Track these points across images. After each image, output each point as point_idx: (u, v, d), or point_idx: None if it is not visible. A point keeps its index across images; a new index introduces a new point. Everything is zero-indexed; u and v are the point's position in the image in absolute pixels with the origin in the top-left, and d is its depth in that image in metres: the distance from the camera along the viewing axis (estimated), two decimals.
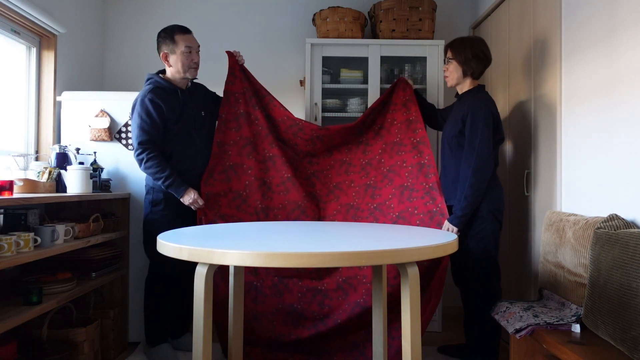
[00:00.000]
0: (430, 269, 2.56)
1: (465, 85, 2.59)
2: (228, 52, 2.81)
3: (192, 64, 2.64)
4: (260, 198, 2.72)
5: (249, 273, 2.60)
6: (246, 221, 2.67)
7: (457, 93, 2.66)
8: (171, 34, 2.61)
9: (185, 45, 2.60)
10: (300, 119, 2.82)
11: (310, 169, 2.86)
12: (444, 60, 2.65)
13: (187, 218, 2.68)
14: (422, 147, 2.73)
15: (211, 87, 2.96)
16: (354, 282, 2.59)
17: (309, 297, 2.58)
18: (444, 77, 2.66)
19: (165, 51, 2.61)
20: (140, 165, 2.55)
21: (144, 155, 2.51)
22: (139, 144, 2.53)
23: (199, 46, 2.70)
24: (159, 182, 2.54)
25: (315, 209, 2.78)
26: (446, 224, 2.48)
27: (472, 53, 2.52)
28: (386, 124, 2.85)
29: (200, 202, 2.59)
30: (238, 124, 2.77)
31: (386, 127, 2.85)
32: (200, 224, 2.62)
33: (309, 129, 2.81)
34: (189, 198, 2.57)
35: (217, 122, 2.78)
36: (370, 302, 2.54)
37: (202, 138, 2.73)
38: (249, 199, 2.72)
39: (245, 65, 2.87)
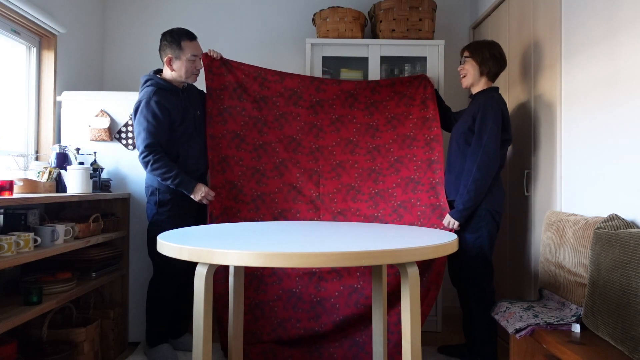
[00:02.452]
0: (428, 263, 2.59)
1: (480, 86, 2.60)
2: (202, 55, 2.77)
3: (195, 70, 2.65)
4: (255, 186, 2.75)
5: None
6: (244, 211, 2.71)
7: (471, 94, 2.67)
8: (178, 39, 2.59)
9: (192, 53, 2.60)
10: (298, 83, 2.85)
11: (315, 143, 2.85)
12: (460, 60, 2.66)
13: (194, 217, 2.69)
14: (434, 144, 2.78)
15: None
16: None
17: (305, 280, 2.63)
18: (460, 79, 2.66)
19: (170, 55, 2.60)
20: (146, 167, 2.52)
21: (150, 157, 2.49)
22: (146, 146, 2.50)
23: (202, 53, 2.70)
24: (168, 182, 2.52)
25: (312, 188, 2.78)
26: (447, 217, 2.50)
27: (489, 53, 2.54)
28: (400, 115, 2.87)
29: (212, 193, 2.60)
30: (223, 118, 2.78)
31: (400, 119, 2.87)
32: (211, 217, 2.64)
33: (307, 94, 2.85)
34: (200, 192, 2.56)
35: (205, 117, 2.77)
36: (368, 290, 2.57)
37: (202, 138, 2.74)
38: (244, 188, 2.74)
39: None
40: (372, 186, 2.80)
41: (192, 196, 2.57)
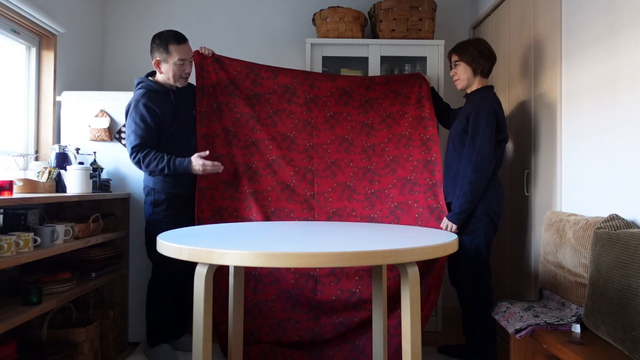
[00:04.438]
0: (428, 266, 2.58)
1: (475, 85, 2.59)
2: (194, 52, 2.76)
3: (183, 74, 2.63)
4: (247, 183, 2.72)
5: None
6: (241, 209, 2.69)
7: (466, 93, 2.66)
8: (166, 43, 2.57)
9: (179, 57, 2.58)
10: (292, 79, 2.83)
11: (309, 141, 2.82)
12: (450, 65, 2.65)
13: (190, 217, 2.69)
14: (430, 144, 2.76)
15: None
16: (346, 268, 2.59)
17: (301, 283, 2.59)
18: (454, 82, 2.65)
19: (158, 58, 2.60)
20: (140, 167, 2.53)
21: (139, 155, 2.51)
22: (132, 148, 2.52)
23: (192, 56, 2.68)
24: (166, 171, 2.50)
25: (307, 187, 2.75)
26: (445, 220, 2.49)
27: (477, 51, 2.53)
28: (395, 114, 2.85)
29: (208, 162, 2.49)
30: (217, 116, 2.77)
31: (395, 118, 2.85)
32: (199, 220, 2.62)
33: (301, 91, 2.84)
34: (197, 165, 2.49)
35: (197, 116, 2.74)
36: (366, 294, 2.55)
37: (196, 137, 2.73)
38: (239, 186, 2.72)
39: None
40: (367, 186, 2.78)
41: (193, 171, 2.50)
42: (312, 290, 2.58)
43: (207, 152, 2.52)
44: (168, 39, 2.58)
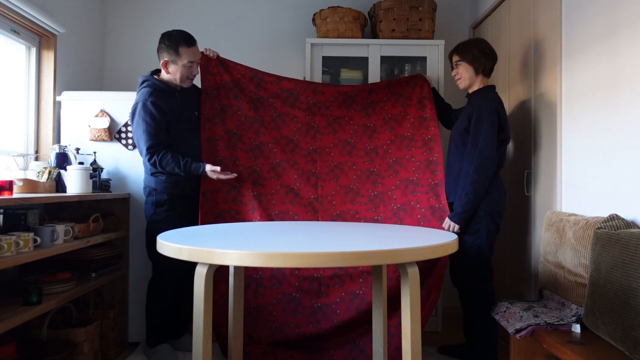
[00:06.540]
0: (429, 266, 2.57)
1: (477, 85, 2.59)
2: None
3: (190, 75, 2.62)
4: (251, 186, 2.72)
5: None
6: (244, 212, 2.69)
7: (468, 93, 2.66)
8: (176, 44, 2.54)
9: (189, 60, 2.56)
10: (295, 85, 2.84)
11: (312, 145, 2.82)
12: (451, 66, 2.65)
13: (191, 217, 2.69)
14: (432, 144, 2.75)
15: None
16: (350, 270, 2.60)
17: (305, 285, 2.59)
18: (456, 81, 2.65)
19: (167, 59, 2.57)
20: (156, 168, 2.53)
21: (155, 157, 2.49)
22: (148, 148, 2.50)
23: (200, 58, 2.67)
24: (184, 173, 2.51)
25: (310, 190, 2.76)
26: (447, 220, 2.49)
27: (478, 50, 2.53)
28: (397, 116, 2.85)
29: (217, 168, 2.51)
30: (221, 119, 2.76)
31: (397, 119, 2.85)
32: (202, 222, 2.62)
33: (304, 96, 2.84)
34: (211, 170, 2.51)
35: (200, 119, 2.74)
36: (369, 296, 2.55)
37: (199, 139, 2.73)
38: (242, 189, 2.72)
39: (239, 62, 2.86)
40: (371, 188, 2.78)
41: (208, 175, 2.53)
42: (317, 292, 2.59)
43: (219, 168, 2.52)
44: (179, 41, 2.55)
